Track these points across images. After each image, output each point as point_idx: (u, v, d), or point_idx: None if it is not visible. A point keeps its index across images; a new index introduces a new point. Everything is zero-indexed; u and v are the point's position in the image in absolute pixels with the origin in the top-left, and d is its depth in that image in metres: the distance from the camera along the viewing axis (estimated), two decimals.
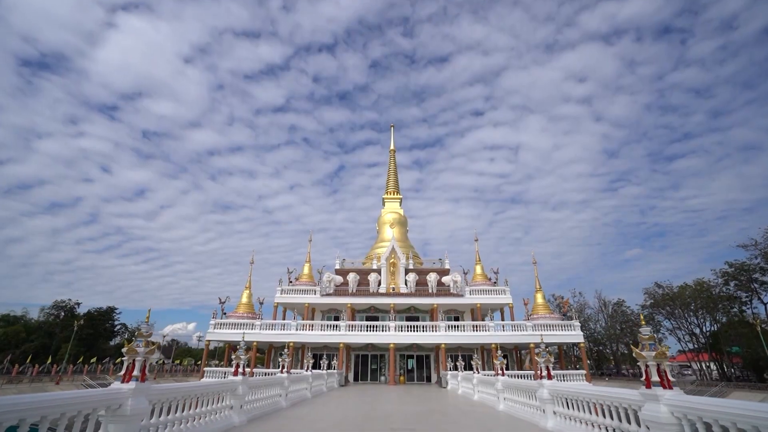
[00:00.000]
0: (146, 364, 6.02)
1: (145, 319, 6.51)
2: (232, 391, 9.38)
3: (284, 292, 35.39)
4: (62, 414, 4.45)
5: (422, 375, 34.13)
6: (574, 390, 8.16)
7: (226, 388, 9.17)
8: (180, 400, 7.12)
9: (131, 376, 5.74)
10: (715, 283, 51.29)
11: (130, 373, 5.73)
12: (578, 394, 7.89)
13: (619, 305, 71.13)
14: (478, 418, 11.35)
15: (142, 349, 5.90)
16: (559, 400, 9.02)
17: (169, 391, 6.69)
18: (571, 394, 8.22)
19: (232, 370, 10.19)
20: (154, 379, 54.65)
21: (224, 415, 8.95)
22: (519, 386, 11.74)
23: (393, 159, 55.30)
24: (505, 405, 12.88)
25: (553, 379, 9.61)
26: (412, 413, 12.25)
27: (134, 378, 5.72)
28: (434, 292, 36.64)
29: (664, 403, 5.31)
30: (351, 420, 10.60)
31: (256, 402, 11.01)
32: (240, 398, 9.49)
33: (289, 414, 11.57)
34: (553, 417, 9.14)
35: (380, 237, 47.41)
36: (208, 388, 8.14)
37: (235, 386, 9.45)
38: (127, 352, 5.84)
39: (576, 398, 8.06)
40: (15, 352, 60.57)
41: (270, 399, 12.24)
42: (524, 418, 10.70)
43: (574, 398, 8.13)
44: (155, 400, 6.34)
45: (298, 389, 15.86)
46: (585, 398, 7.64)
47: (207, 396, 8.19)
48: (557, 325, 31.45)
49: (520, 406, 11.54)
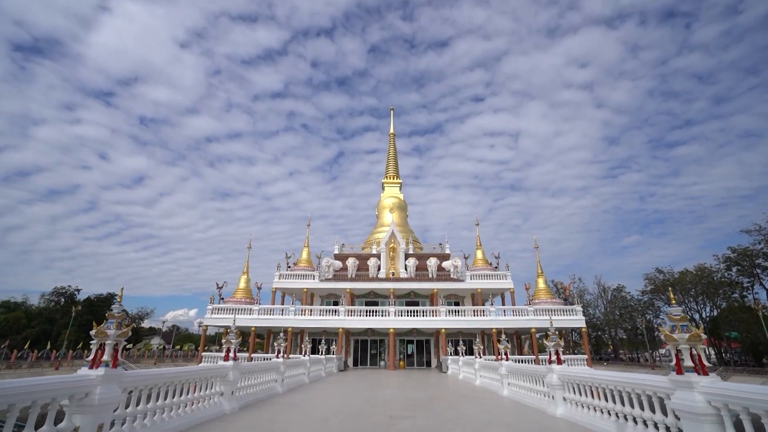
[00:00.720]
0: (118, 348, 5.41)
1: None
2: (222, 377, 8.84)
3: (282, 277, 34.92)
4: (10, 405, 3.83)
5: (422, 360, 33.93)
6: (587, 375, 7.59)
7: (216, 374, 8.62)
8: (162, 387, 6.54)
9: (101, 362, 5.13)
10: (716, 269, 50.95)
11: (100, 358, 5.11)
12: (592, 379, 7.32)
13: (619, 291, 71.05)
14: (482, 404, 10.86)
15: (113, 331, 5.27)
16: (569, 386, 8.49)
17: (148, 378, 6.09)
18: (585, 380, 7.66)
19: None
20: (154, 364, 54.68)
21: (214, 402, 8.42)
22: (525, 371, 11.23)
23: (393, 143, 54.26)
24: (509, 391, 12.41)
25: (563, 363, 9.06)
26: (413, 399, 11.78)
27: (104, 363, 5.11)
28: (434, 277, 36.19)
29: (700, 391, 4.71)
30: (349, 407, 10.10)
31: (249, 388, 10.50)
32: (231, 384, 8.95)
33: (284, 400, 11.08)
34: (563, 403, 8.62)
35: (380, 222, 46.77)
36: (194, 375, 7.57)
37: (226, 372, 8.90)
38: (95, 335, 5.22)
39: (589, 384, 7.50)
40: (16, 338, 60.71)
41: (265, 385, 11.75)
42: (531, 404, 10.20)
43: (588, 384, 7.57)
44: (131, 388, 5.75)
45: (296, 374, 15.41)
46: (600, 384, 7.07)
47: (194, 382, 7.63)
48: (559, 309, 31.09)
49: (525, 392, 11.05)
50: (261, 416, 8.37)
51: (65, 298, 75.72)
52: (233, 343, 9.27)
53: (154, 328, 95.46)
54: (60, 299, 75.64)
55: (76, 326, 70.46)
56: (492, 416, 8.83)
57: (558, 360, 9.17)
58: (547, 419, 8.35)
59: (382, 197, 49.42)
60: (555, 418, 8.36)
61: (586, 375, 7.63)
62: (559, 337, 9.51)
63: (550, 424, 7.83)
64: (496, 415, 8.95)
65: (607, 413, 6.98)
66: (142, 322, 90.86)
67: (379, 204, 48.94)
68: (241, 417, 8.21)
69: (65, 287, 78.14)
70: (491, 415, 9.01)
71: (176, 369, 7.15)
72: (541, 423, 7.95)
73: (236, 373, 9.13)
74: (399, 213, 46.17)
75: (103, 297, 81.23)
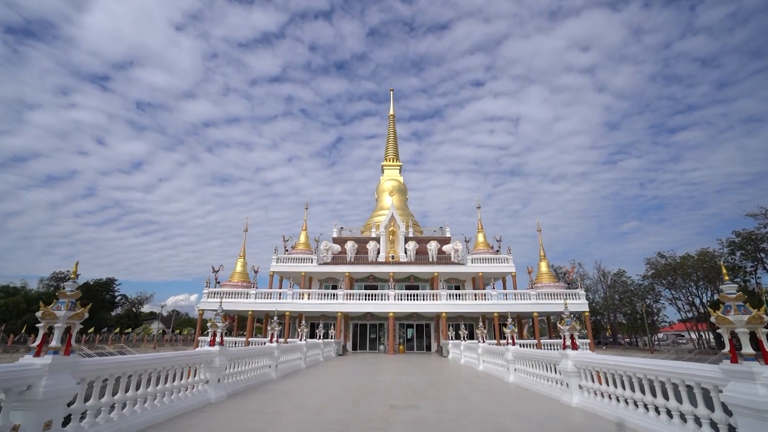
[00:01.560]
0: (72, 333, 4.59)
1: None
2: (207, 364, 8.09)
3: (280, 261, 34.24)
4: None
5: (422, 344, 33.53)
6: (611, 363, 6.83)
7: (200, 360, 7.87)
8: (134, 375, 5.78)
9: (48, 348, 4.31)
10: (720, 253, 50.38)
11: (41, 344, 4.28)
12: (617, 366, 6.56)
13: (620, 275, 70.75)
14: (488, 391, 10.19)
15: (63, 312, 4.43)
16: (586, 373, 7.77)
17: (112, 366, 5.30)
18: (607, 367, 6.91)
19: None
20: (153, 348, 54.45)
21: (197, 390, 7.69)
22: (534, 357, 10.52)
23: (392, 125, 52.91)
24: (516, 377, 11.75)
25: (578, 349, 8.32)
26: (414, 385, 11.12)
27: (52, 351, 4.29)
28: (434, 261, 35.53)
29: (763, 383, 3.93)
30: (346, 394, 9.41)
31: (239, 375, 9.79)
32: (217, 371, 8.21)
33: (277, 387, 10.39)
34: (578, 392, 7.91)
35: (379, 205, 45.87)
36: (173, 361, 6.79)
37: (210, 358, 8.15)
38: (42, 317, 4.37)
39: (612, 371, 6.75)
40: (16, 322, 60.60)
41: (257, 371, 11.06)
42: (541, 392, 9.52)
43: (610, 371, 6.82)
44: (92, 378, 4.97)
45: (291, 359, 14.77)
46: (627, 372, 6.32)
47: (173, 370, 6.87)
48: (561, 293, 30.51)
49: (534, 379, 10.36)
50: (249, 406, 7.65)
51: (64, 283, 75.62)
52: (219, 327, 8.50)
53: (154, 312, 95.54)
54: (59, 284, 75.49)
55: None
56: (501, 406, 8.13)
57: (573, 345, 8.43)
58: (561, 409, 7.64)
59: (381, 180, 48.39)
60: (570, 408, 7.66)
61: (610, 362, 6.87)
62: (575, 322, 8.76)
63: (565, 415, 7.12)
64: (505, 405, 8.26)
65: (633, 404, 6.25)
66: (141, 307, 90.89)
67: (378, 187, 47.96)
68: (226, 407, 7.49)
69: (64, 272, 77.98)
70: (501, 404, 8.31)
71: (150, 355, 6.38)
72: (555, 413, 7.25)
73: (223, 359, 8.39)
74: (399, 196, 45.23)
75: (102, 282, 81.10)
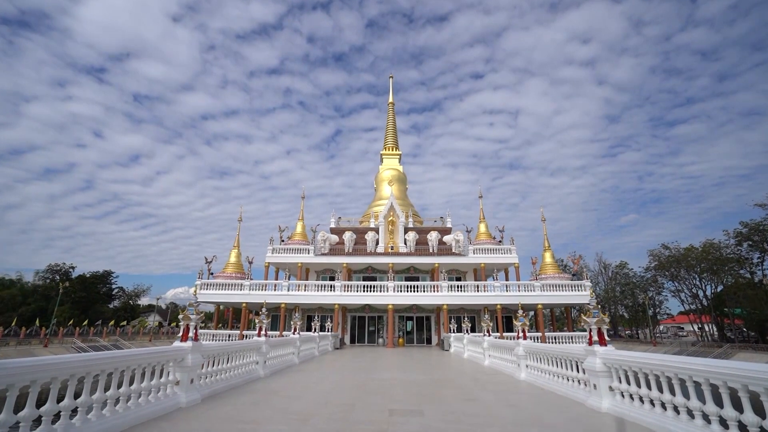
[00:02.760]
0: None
1: None
2: (177, 362, 6.96)
3: (276, 252, 33.10)
4: None
5: (422, 337, 32.57)
6: (654, 361, 5.69)
7: (167, 358, 6.72)
8: (72, 378, 4.64)
9: None
10: (726, 244, 49.41)
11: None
12: (663, 366, 5.43)
13: (621, 267, 69.90)
14: (500, 390, 9.10)
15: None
16: (618, 373, 6.66)
17: (38, 368, 4.14)
18: (650, 366, 5.77)
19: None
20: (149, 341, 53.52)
21: (165, 394, 6.57)
22: (551, 353, 9.41)
23: (392, 113, 51.46)
24: (527, 374, 10.67)
25: (607, 345, 7.20)
26: (417, 385, 10.03)
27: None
28: (435, 252, 34.42)
29: None
30: (339, 396, 8.32)
31: (219, 374, 8.68)
32: (190, 370, 7.07)
33: (263, 387, 9.29)
34: (609, 395, 6.80)
35: (378, 195, 44.65)
36: (130, 360, 5.64)
37: (181, 355, 7.01)
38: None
39: (659, 372, 5.62)
40: (12, 315, 59.84)
41: (242, 368, 9.95)
42: (560, 392, 8.43)
43: (654, 371, 5.69)
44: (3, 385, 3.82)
45: (282, 355, 13.68)
46: (679, 373, 5.18)
47: (133, 370, 5.73)
48: (566, 285, 29.48)
49: (551, 378, 9.27)
50: (223, 412, 6.53)
51: (60, 276, 74.70)
52: (192, 319, 7.35)
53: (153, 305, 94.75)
54: (55, 276, 74.58)
55: (70, 303, 69.45)
56: (519, 410, 7.03)
57: (601, 340, 7.31)
58: (591, 415, 6.54)
59: (380, 169, 47.11)
60: (600, 414, 6.55)
61: (652, 361, 5.73)
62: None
63: (597, 422, 6.02)
64: (523, 408, 7.16)
65: (674, 410, 5.14)
66: (138, 300, 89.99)
67: (377, 177, 46.69)
68: (197, 414, 6.37)
69: (59, 264, 76.98)
70: (518, 408, 7.21)
71: (100, 354, 5.23)
72: (586, 420, 6.13)
73: (196, 357, 7.26)
74: (398, 186, 43.98)
75: (99, 274, 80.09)
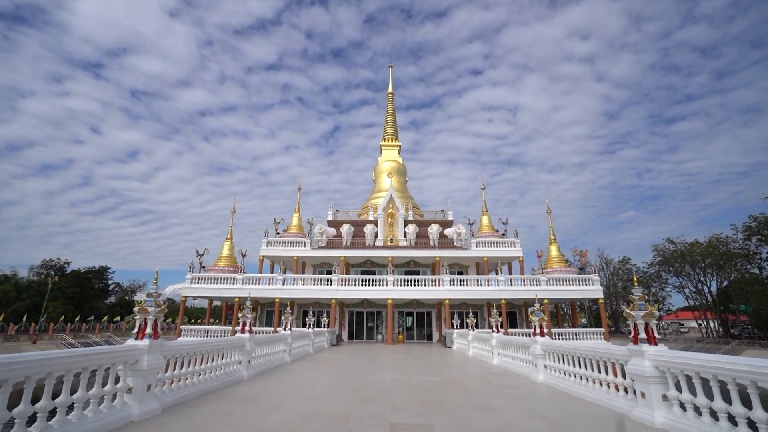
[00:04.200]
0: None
1: None
2: (129, 365, 5.64)
3: (270, 244, 31.81)
4: None
5: (422, 333, 31.35)
6: (731, 365, 4.37)
7: (115, 360, 5.39)
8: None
9: None
10: (733, 239, 48.29)
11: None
12: (755, 373, 4.11)
13: (624, 263, 68.87)
14: (519, 396, 7.82)
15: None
16: (676, 379, 5.38)
17: None
18: (717, 371, 4.46)
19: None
20: None
21: (112, 405, 5.25)
22: (579, 352, 8.08)
23: (391, 102, 49.98)
24: (546, 376, 9.38)
25: (658, 345, 5.90)
26: (422, 388, 8.75)
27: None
28: (436, 245, 33.15)
29: None
30: (330, 404, 7.02)
31: (192, 377, 7.38)
32: (146, 375, 5.74)
33: (243, 391, 7.99)
34: (662, 407, 5.51)
35: (377, 187, 43.28)
36: (56, 364, 4.32)
37: (135, 356, 5.68)
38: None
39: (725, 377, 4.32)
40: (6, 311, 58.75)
41: (220, 369, 8.66)
42: (593, 399, 7.13)
43: (721, 377, 4.39)
44: None
45: (271, 353, 12.37)
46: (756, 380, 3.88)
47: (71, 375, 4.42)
48: (574, 279, 28.26)
49: (577, 382, 7.98)
50: (183, 427, 5.21)
51: (54, 271, 73.49)
52: (150, 312, 6.00)
53: None
54: (49, 272, 73.29)
55: (63, 299, 68.17)
56: (549, 422, 5.73)
57: (651, 339, 6.01)
58: (641, 429, 5.27)
59: (379, 161, 45.70)
60: (654, 430, 5.27)
61: (725, 364, 4.40)
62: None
63: None
64: (554, 420, 5.86)
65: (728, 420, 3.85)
66: (134, 295, 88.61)
67: (376, 168, 45.29)
68: (150, 429, 5.06)
69: (54, 260, 75.70)
70: (547, 420, 5.90)
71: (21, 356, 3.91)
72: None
73: (156, 359, 5.92)
74: (398, 177, 42.62)
75: (94, 270, 78.76)
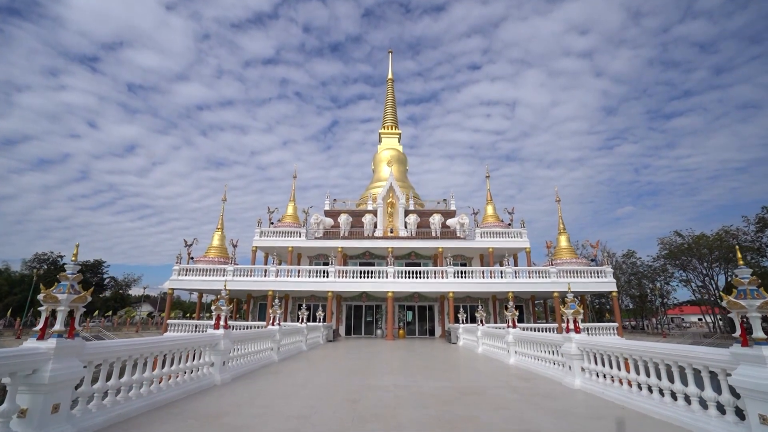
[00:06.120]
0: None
1: None
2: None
3: (264, 235, 30.14)
4: None
5: (424, 328, 29.81)
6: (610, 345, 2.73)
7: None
8: None
9: None
10: (744, 231, 46.86)
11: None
12: None
13: (629, 257, 67.48)
14: (565, 412, 6.17)
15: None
16: None
17: None
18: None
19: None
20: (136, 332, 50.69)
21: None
22: (647, 352, 6.40)
23: (391, 89, 48.09)
24: (585, 382, 7.76)
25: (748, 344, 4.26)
26: (433, 397, 7.12)
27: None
28: (438, 236, 31.54)
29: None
30: (319, 421, 5.37)
31: (137, 387, 5.72)
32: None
33: (206, 405, 6.30)
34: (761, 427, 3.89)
35: (376, 176, 41.56)
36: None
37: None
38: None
39: None
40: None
41: (186, 374, 7.00)
42: (661, 417, 5.51)
43: None
44: None
45: (255, 351, 10.70)
46: None
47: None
48: (585, 271, 26.71)
49: (633, 392, 6.36)
50: None
51: (47, 265, 71.88)
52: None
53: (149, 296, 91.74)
54: (42, 266, 71.67)
55: None
56: None
57: (743, 339, 4.39)
58: None
59: (379, 149, 43.94)
60: None
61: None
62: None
63: None
64: None
65: None
66: (129, 289, 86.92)
67: (375, 157, 43.55)
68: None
69: (47, 253, 74.05)
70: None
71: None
72: None
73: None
74: (398, 166, 40.88)
75: (89, 264, 77.07)
